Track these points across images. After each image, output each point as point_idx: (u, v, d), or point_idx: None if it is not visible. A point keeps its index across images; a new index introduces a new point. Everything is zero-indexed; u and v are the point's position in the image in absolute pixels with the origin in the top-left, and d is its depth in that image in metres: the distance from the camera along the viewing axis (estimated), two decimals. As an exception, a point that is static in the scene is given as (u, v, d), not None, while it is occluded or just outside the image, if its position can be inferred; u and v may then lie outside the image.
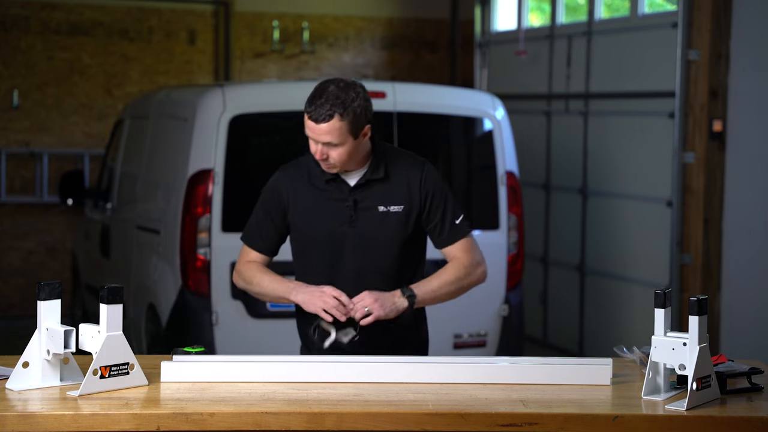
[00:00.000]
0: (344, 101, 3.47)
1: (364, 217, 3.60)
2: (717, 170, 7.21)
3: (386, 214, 3.61)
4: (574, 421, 2.97)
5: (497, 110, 6.54)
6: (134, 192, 7.06)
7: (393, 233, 3.61)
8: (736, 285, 7.21)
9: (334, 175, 3.61)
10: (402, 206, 3.62)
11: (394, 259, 3.63)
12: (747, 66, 7.12)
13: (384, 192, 3.62)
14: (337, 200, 3.61)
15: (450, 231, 3.66)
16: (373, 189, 3.61)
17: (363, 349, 3.53)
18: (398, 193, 3.62)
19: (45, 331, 3.13)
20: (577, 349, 8.41)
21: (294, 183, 3.66)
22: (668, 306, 3.15)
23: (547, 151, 8.89)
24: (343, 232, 3.60)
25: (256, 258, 3.74)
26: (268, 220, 3.70)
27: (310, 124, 3.50)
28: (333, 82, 3.52)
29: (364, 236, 3.59)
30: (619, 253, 8.06)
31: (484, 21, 9.90)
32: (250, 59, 10.59)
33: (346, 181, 3.62)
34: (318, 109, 3.47)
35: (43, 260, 10.13)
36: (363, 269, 3.60)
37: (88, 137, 10.16)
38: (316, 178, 3.64)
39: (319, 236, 3.61)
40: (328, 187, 3.62)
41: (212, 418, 2.93)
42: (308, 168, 3.66)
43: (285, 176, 3.69)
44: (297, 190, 3.65)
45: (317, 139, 3.50)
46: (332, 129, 3.47)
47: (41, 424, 2.90)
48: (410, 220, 3.63)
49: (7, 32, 9.96)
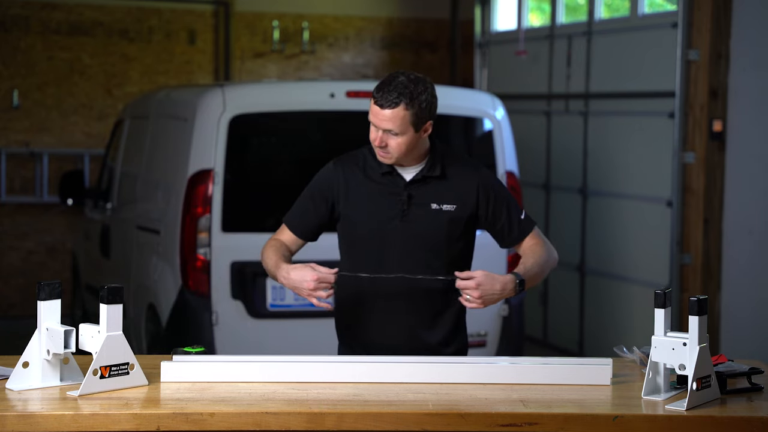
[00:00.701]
0: (412, 92, 3.50)
1: (416, 212, 3.61)
2: (717, 170, 7.21)
3: (438, 212, 3.61)
4: (574, 421, 2.98)
5: (497, 110, 6.54)
6: (134, 192, 7.06)
7: (442, 231, 3.61)
8: (736, 285, 7.21)
9: (391, 168, 3.62)
10: (455, 206, 3.62)
11: (440, 256, 3.63)
12: (747, 66, 7.12)
13: (438, 190, 3.62)
14: (391, 194, 3.62)
15: (519, 228, 3.70)
16: (428, 186, 3.62)
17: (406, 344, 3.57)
18: (452, 193, 3.63)
19: (45, 331, 3.13)
20: (577, 349, 8.41)
21: (348, 174, 3.66)
22: (668, 306, 3.15)
23: (547, 151, 8.89)
24: (394, 226, 3.60)
25: (288, 238, 3.73)
26: (311, 206, 3.70)
27: (374, 109, 3.52)
28: (404, 74, 3.55)
29: (413, 231, 3.59)
30: (619, 253, 8.06)
31: (484, 21, 9.90)
32: (250, 59, 10.59)
33: (402, 176, 3.62)
34: (386, 95, 3.49)
35: (43, 260, 10.13)
36: (409, 264, 3.60)
37: (88, 137, 10.16)
38: (372, 170, 3.64)
39: (369, 228, 3.61)
40: (383, 179, 3.63)
41: (212, 418, 2.93)
42: (365, 159, 3.67)
43: (339, 167, 3.69)
44: (351, 181, 3.65)
45: (379, 125, 3.52)
46: (395, 116, 3.49)
47: (41, 424, 2.90)
48: (461, 220, 3.63)
49: (7, 32, 9.96)
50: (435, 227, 3.61)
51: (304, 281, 3.46)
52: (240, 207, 6.09)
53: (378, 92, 3.51)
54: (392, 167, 3.62)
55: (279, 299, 6.10)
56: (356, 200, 3.64)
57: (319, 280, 3.44)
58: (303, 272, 3.47)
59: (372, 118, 3.54)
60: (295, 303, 6.11)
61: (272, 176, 6.36)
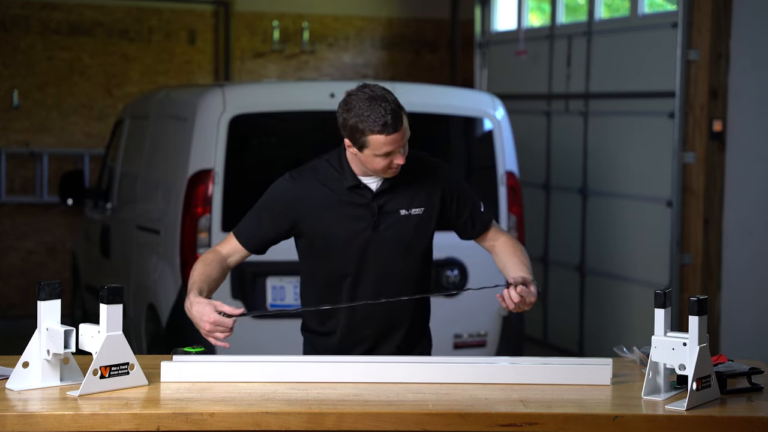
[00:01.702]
0: (395, 100, 3.47)
1: (387, 221, 3.59)
2: (717, 170, 7.21)
3: (408, 217, 3.61)
4: (574, 421, 2.98)
5: (497, 110, 6.54)
6: (134, 192, 7.06)
7: (415, 236, 3.62)
8: (736, 285, 7.21)
9: (356, 181, 3.58)
10: (423, 208, 3.62)
11: (415, 261, 3.64)
12: (747, 66, 7.12)
13: (406, 195, 3.61)
14: (359, 205, 3.58)
15: (480, 221, 3.72)
16: (395, 193, 3.60)
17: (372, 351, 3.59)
18: (419, 196, 3.62)
19: (45, 331, 3.13)
20: (577, 349, 8.41)
21: (310, 189, 3.61)
22: (668, 306, 3.15)
23: (547, 151, 8.89)
24: (366, 237, 3.57)
25: (233, 250, 3.68)
26: (268, 221, 3.65)
27: (390, 139, 3.43)
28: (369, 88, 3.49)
29: (386, 239, 3.58)
30: (619, 253, 8.06)
31: (484, 21, 9.90)
32: (250, 59, 10.59)
33: (368, 187, 3.59)
34: (389, 120, 3.41)
35: (43, 260, 10.13)
36: (385, 273, 3.60)
37: (88, 137, 10.16)
38: (335, 184, 3.60)
39: (341, 242, 3.58)
40: (350, 193, 3.59)
41: (212, 418, 2.93)
42: (324, 173, 3.62)
43: (299, 183, 3.62)
44: (314, 197, 3.60)
45: (396, 148, 3.46)
46: (405, 128, 3.47)
47: (41, 424, 2.90)
48: (430, 220, 3.64)
49: (7, 32, 9.96)
50: (406, 232, 3.60)
51: (201, 320, 3.39)
52: (240, 207, 6.03)
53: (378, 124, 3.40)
54: (359, 180, 3.58)
55: (279, 299, 6.10)
56: (323, 216, 3.59)
57: (215, 323, 3.39)
58: (203, 310, 3.39)
59: (389, 148, 3.44)
60: (294, 303, 6.11)
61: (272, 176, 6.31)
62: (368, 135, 3.43)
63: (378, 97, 3.45)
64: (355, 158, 3.55)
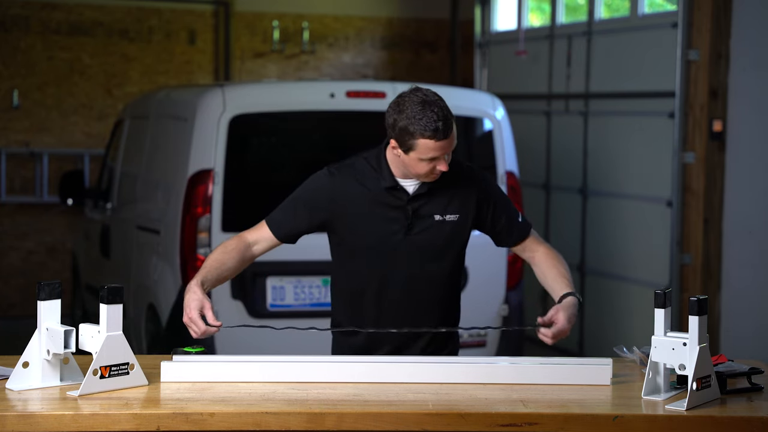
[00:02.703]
0: (442, 104, 3.46)
1: (421, 225, 3.57)
2: (717, 170, 7.21)
3: (442, 223, 3.59)
4: (574, 421, 2.98)
5: (497, 110, 6.54)
6: (134, 192, 7.06)
7: (447, 242, 3.60)
8: (736, 285, 7.21)
9: (394, 182, 3.57)
10: (458, 215, 3.60)
11: (446, 266, 3.62)
12: (747, 66, 7.11)
13: (441, 201, 3.59)
14: (394, 207, 3.57)
15: (517, 230, 3.70)
16: (431, 197, 3.58)
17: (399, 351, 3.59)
18: (455, 202, 3.61)
19: (45, 331, 3.13)
20: (577, 349, 8.41)
21: (347, 186, 3.59)
22: (668, 306, 3.15)
23: (547, 151, 8.89)
24: (399, 240, 3.56)
25: (263, 237, 3.66)
26: (303, 212, 3.62)
27: (438, 145, 3.43)
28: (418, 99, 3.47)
29: (418, 244, 3.56)
30: (619, 253, 8.06)
31: (484, 21, 9.90)
32: (250, 59, 10.59)
33: (405, 189, 3.58)
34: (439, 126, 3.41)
35: (43, 260, 10.13)
36: (414, 277, 3.58)
37: (88, 137, 10.16)
38: (372, 183, 3.58)
39: (373, 241, 3.57)
40: (386, 193, 3.57)
41: (212, 418, 2.93)
42: (363, 172, 3.61)
43: (337, 178, 3.60)
44: (350, 194, 3.58)
45: (443, 154, 3.46)
46: (454, 135, 3.48)
47: (41, 424, 2.90)
48: (465, 228, 3.62)
49: (7, 32, 9.96)
50: (439, 237, 3.58)
51: (185, 309, 3.40)
52: (240, 207, 6.08)
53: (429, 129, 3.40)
54: (396, 181, 3.57)
55: (279, 299, 6.10)
56: (358, 214, 3.58)
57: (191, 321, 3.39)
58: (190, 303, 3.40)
59: (434, 153, 3.44)
60: (295, 303, 6.12)
61: (272, 176, 6.36)
62: (417, 138, 3.42)
63: (431, 101, 3.44)
64: (396, 159, 3.53)
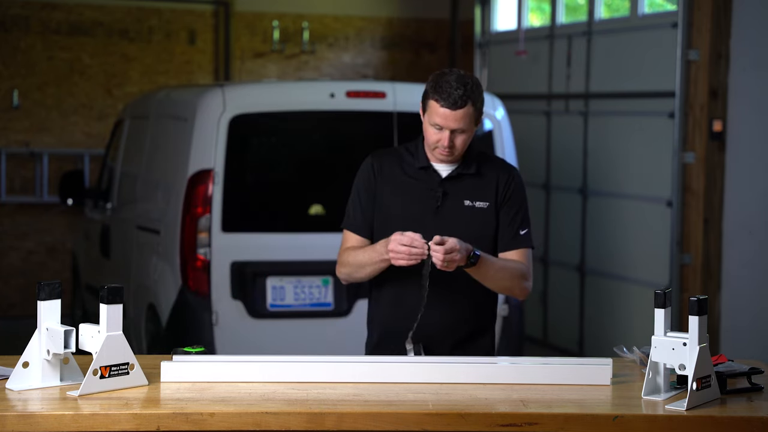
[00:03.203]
0: (474, 90, 3.54)
1: (450, 208, 3.63)
2: (717, 170, 7.21)
3: (471, 209, 3.64)
4: (574, 421, 2.97)
5: (497, 110, 6.54)
6: (134, 192, 7.06)
7: (473, 228, 3.63)
8: (736, 285, 7.21)
9: (428, 163, 3.65)
10: (487, 203, 3.65)
11: None
12: (747, 66, 7.12)
13: (472, 187, 3.66)
14: (426, 188, 3.65)
15: (514, 237, 3.70)
16: (462, 182, 3.65)
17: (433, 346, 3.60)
18: (485, 191, 3.66)
19: (45, 331, 3.13)
20: (577, 349, 8.41)
21: (386, 166, 3.70)
22: (668, 306, 3.15)
23: (547, 151, 8.89)
24: (426, 221, 3.61)
25: (356, 242, 3.70)
26: (367, 203, 3.70)
27: (442, 112, 3.53)
28: (453, 72, 3.57)
29: (445, 227, 3.58)
30: (619, 253, 8.06)
31: (484, 21, 9.90)
32: (250, 59, 10.59)
33: (438, 172, 3.66)
34: (453, 96, 3.51)
35: (43, 260, 10.13)
36: None
37: (88, 137, 10.16)
38: (409, 166, 3.68)
39: (403, 220, 3.60)
40: (419, 174, 3.67)
41: (212, 418, 2.93)
42: (401, 156, 3.71)
43: (377, 159, 3.72)
44: (387, 173, 3.69)
45: (448, 126, 3.54)
46: (466, 115, 3.53)
47: (41, 424, 2.90)
48: (493, 217, 3.67)
49: (7, 32, 9.96)
50: (467, 223, 3.62)
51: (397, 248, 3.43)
52: (240, 207, 6.09)
53: (443, 93, 3.52)
54: (429, 163, 3.65)
55: (279, 299, 6.10)
56: (392, 192, 3.67)
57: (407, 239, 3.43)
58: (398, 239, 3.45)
59: (438, 120, 3.54)
60: (295, 303, 6.12)
61: (272, 176, 6.37)
62: (430, 99, 3.56)
63: (461, 76, 3.55)
64: None
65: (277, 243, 6.13)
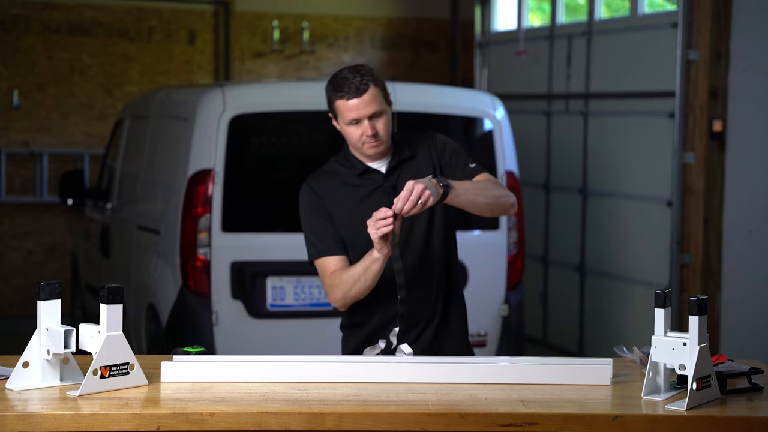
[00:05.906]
0: (368, 72, 3.58)
1: None
2: (717, 170, 7.22)
3: None
4: (574, 421, 2.97)
5: (497, 110, 6.54)
6: (134, 192, 7.06)
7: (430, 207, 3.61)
8: (736, 285, 7.21)
9: (364, 167, 3.67)
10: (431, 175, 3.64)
11: (437, 230, 3.69)
12: (747, 66, 7.12)
13: (414, 170, 3.68)
14: (374, 189, 3.67)
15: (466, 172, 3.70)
16: (403, 169, 3.68)
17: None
18: (425, 166, 3.69)
19: (45, 331, 3.13)
20: (577, 349, 8.42)
21: (325, 185, 3.69)
22: (668, 306, 3.15)
23: (547, 151, 8.89)
24: None
25: (336, 263, 3.65)
26: (324, 222, 3.67)
27: (351, 104, 3.55)
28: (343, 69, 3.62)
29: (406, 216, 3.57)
30: (619, 253, 8.06)
31: (484, 21, 9.90)
32: (250, 59, 10.59)
33: (378, 170, 3.68)
34: (353, 85, 3.54)
35: (43, 260, 10.14)
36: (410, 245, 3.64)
37: (88, 137, 10.16)
38: (347, 176, 3.69)
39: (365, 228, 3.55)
40: (362, 180, 3.68)
41: (212, 418, 2.93)
42: (334, 170, 3.71)
43: (314, 181, 3.70)
44: (331, 191, 3.68)
45: (362, 115, 3.56)
46: (373, 97, 3.55)
47: (41, 424, 2.90)
48: None
49: (7, 32, 9.96)
50: None
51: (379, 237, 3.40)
52: (240, 207, 6.09)
53: (344, 88, 3.54)
54: (367, 166, 3.67)
55: (279, 299, 6.10)
56: (343, 205, 3.66)
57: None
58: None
59: (350, 114, 3.56)
60: (295, 303, 6.12)
61: (272, 176, 6.37)
62: (335, 101, 3.59)
63: (352, 68, 3.58)
64: None
65: (277, 243, 6.13)
